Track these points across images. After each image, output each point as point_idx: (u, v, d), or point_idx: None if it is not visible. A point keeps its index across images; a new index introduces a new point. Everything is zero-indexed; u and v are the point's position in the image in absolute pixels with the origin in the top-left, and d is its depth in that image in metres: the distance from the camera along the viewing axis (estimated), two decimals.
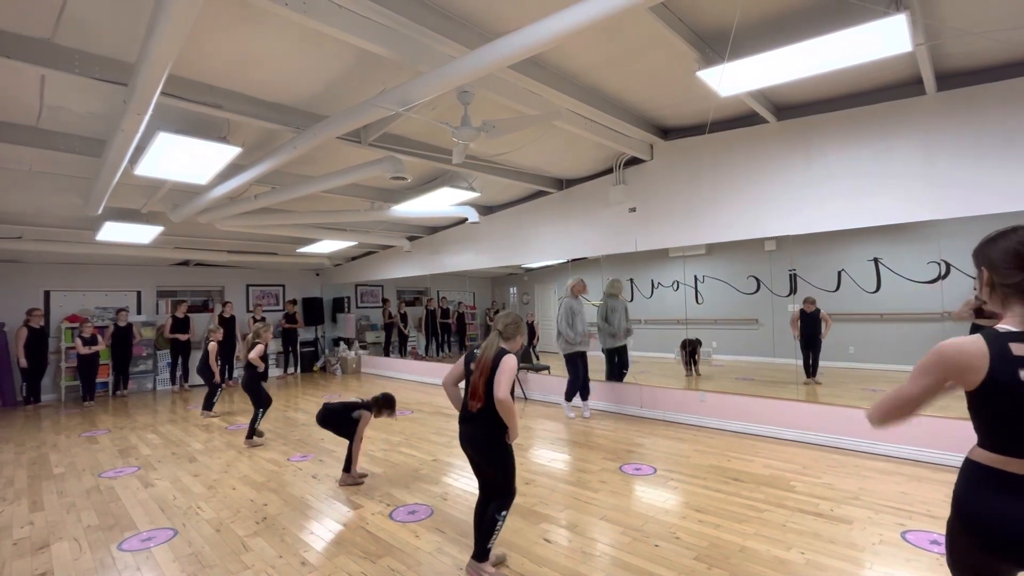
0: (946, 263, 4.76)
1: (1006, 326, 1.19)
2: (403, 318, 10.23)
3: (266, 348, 4.89)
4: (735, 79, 3.17)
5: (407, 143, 4.59)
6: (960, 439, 3.55)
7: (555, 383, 6.41)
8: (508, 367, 2.28)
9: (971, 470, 1.27)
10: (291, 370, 10.17)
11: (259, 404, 4.87)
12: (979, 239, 1.28)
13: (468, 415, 2.38)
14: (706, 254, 6.49)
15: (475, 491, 3.42)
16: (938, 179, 3.76)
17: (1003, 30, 2.99)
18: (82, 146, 3.96)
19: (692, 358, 6.47)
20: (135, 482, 3.88)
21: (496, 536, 2.33)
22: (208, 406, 6.27)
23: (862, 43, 2.70)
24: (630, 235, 5.64)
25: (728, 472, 3.64)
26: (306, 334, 10.52)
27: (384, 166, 4.09)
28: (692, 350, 6.47)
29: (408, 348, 10.32)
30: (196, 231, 7.06)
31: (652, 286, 7.44)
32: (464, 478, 3.72)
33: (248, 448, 4.73)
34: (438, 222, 7.94)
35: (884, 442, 3.87)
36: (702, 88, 3.46)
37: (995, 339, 1.16)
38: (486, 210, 7.38)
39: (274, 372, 9.91)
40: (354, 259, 10.47)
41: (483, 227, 7.45)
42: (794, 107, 4.40)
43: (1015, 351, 1.14)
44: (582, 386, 5.53)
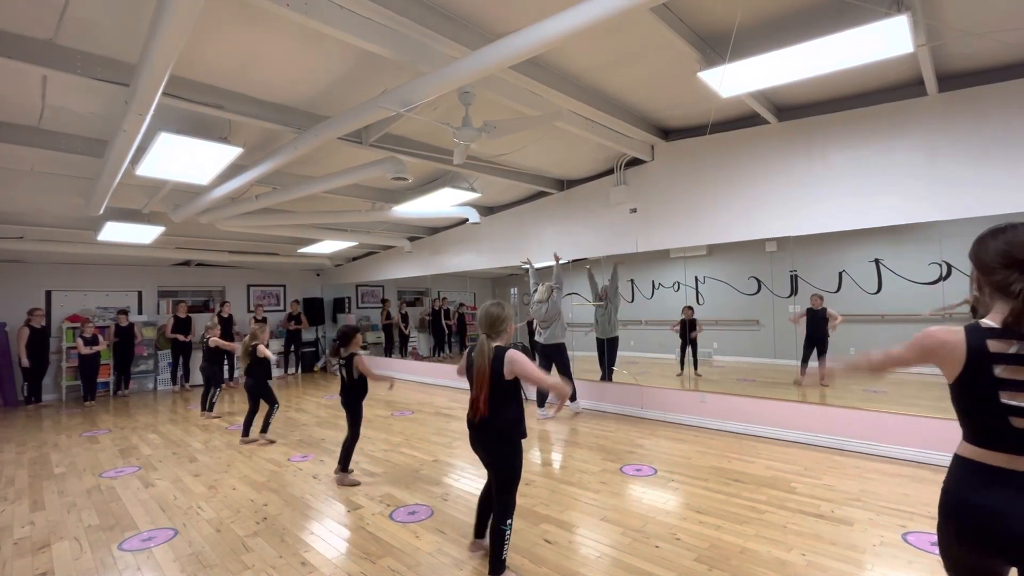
0: (947, 264, 4.75)
1: (988, 322, 1.20)
2: (404, 318, 10.23)
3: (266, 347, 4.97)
4: (736, 80, 3.17)
5: (408, 144, 4.60)
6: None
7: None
8: (519, 359, 2.26)
9: (955, 464, 1.33)
10: (291, 370, 10.17)
11: (272, 401, 5.00)
12: None
13: (473, 422, 2.39)
14: (707, 255, 6.49)
15: (475, 491, 3.43)
16: (939, 180, 3.76)
17: (1004, 31, 2.99)
18: (84, 146, 3.97)
19: (688, 343, 6.40)
20: (136, 482, 3.89)
21: (508, 545, 2.32)
22: (209, 407, 6.26)
23: (864, 44, 2.70)
24: (631, 236, 5.64)
25: (729, 473, 3.64)
26: (307, 334, 10.52)
27: (385, 167, 4.10)
28: (689, 329, 6.36)
29: (409, 348, 10.32)
30: (197, 231, 7.07)
31: (653, 287, 7.43)
32: (464, 479, 3.72)
33: (263, 444, 4.83)
34: (439, 223, 7.94)
35: (885, 443, 3.87)
36: (703, 89, 3.46)
37: (975, 334, 1.19)
38: (487, 211, 7.38)
39: (274, 372, 9.91)
40: (355, 259, 10.47)
41: (484, 228, 7.45)
42: (795, 108, 4.40)
43: (991, 347, 1.16)
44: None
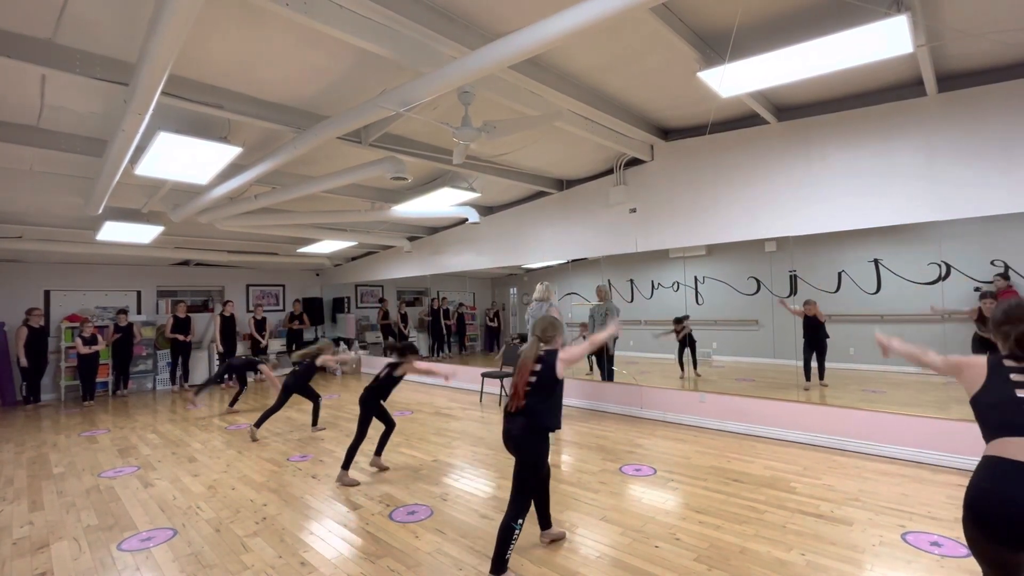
0: (946, 264, 4.75)
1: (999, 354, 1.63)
2: (403, 318, 10.22)
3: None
4: (736, 80, 3.17)
5: (408, 143, 4.60)
6: (960, 441, 3.54)
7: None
8: (567, 354, 2.47)
9: (978, 465, 1.51)
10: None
11: (316, 397, 5.48)
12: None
13: (509, 413, 2.50)
14: (706, 255, 6.49)
15: (474, 492, 3.43)
16: (939, 180, 3.76)
17: (1004, 32, 2.99)
18: (83, 146, 3.96)
19: (685, 346, 6.37)
20: (135, 482, 3.88)
21: (513, 546, 2.33)
22: (232, 402, 6.66)
23: (863, 44, 2.70)
24: (630, 236, 5.64)
25: (728, 473, 3.64)
26: (307, 334, 10.51)
27: (385, 166, 4.10)
28: (685, 336, 6.30)
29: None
30: (196, 231, 7.07)
31: (652, 287, 7.43)
32: (464, 479, 3.72)
33: (313, 433, 5.22)
34: (438, 222, 7.94)
35: (885, 443, 3.87)
36: (703, 89, 3.47)
37: (993, 357, 1.60)
38: (486, 210, 7.38)
39: (273, 372, 9.89)
40: (354, 259, 10.47)
41: (483, 227, 7.45)
42: (795, 108, 4.40)
43: (1006, 363, 1.56)
44: None
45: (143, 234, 6.33)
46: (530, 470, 2.40)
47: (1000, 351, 1.63)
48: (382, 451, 4.03)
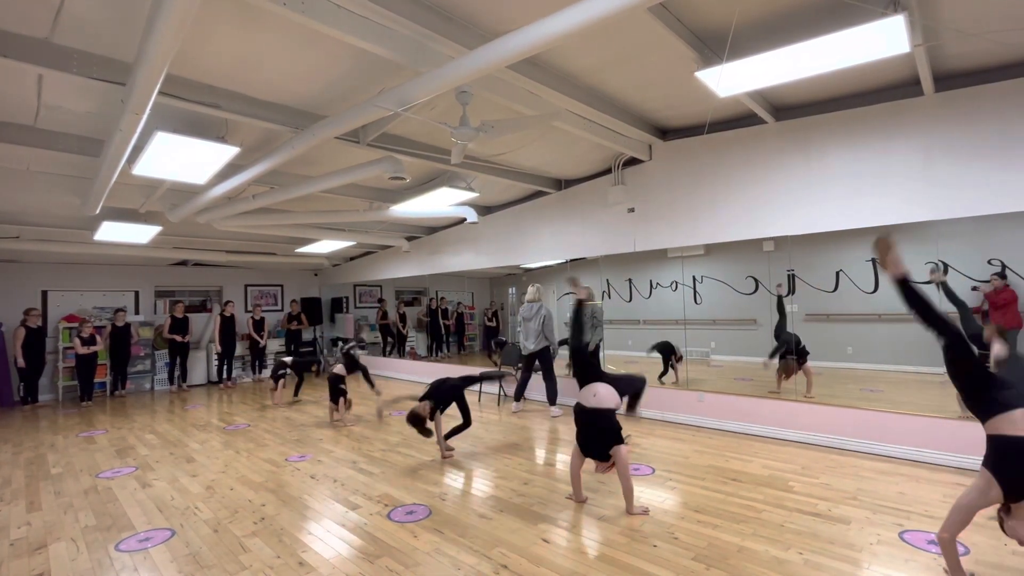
0: (944, 264, 4.76)
1: None
2: (402, 318, 10.22)
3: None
4: (734, 80, 3.18)
5: (406, 143, 4.59)
6: (958, 440, 3.55)
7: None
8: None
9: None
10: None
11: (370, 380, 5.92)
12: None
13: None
14: (704, 255, 6.48)
15: (473, 491, 3.44)
16: (936, 180, 3.77)
17: (1001, 31, 3.00)
18: (80, 146, 3.96)
19: (668, 364, 6.41)
20: (133, 482, 3.88)
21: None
22: (295, 391, 7.18)
23: (860, 44, 2.71)
24: (629, 235, 5.65)
25: (726, 472, 3.65)
26: (305, 334, 10.50)
27: (383, 166, 4.09)
28: (667, 355, 6.34)
29: (407, 348, 10.31)
30: (194, 231, 7.06)
31: (651, 287, 7.43)
32: (463, 478, 3.72)
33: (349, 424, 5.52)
34: (437, 222, 7.94)
35: (882, 442, 3.88)
36: (701, 89, 3.47)
37: None
38: (485, 210, 7.38)
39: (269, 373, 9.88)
40: (353, 259, 10.46)
41: (482, 227, 7.45)
42: (792, 108, 4.41)
43: None
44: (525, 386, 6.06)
45: (141, 234, 6.32)
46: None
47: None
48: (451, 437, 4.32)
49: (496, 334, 10.64)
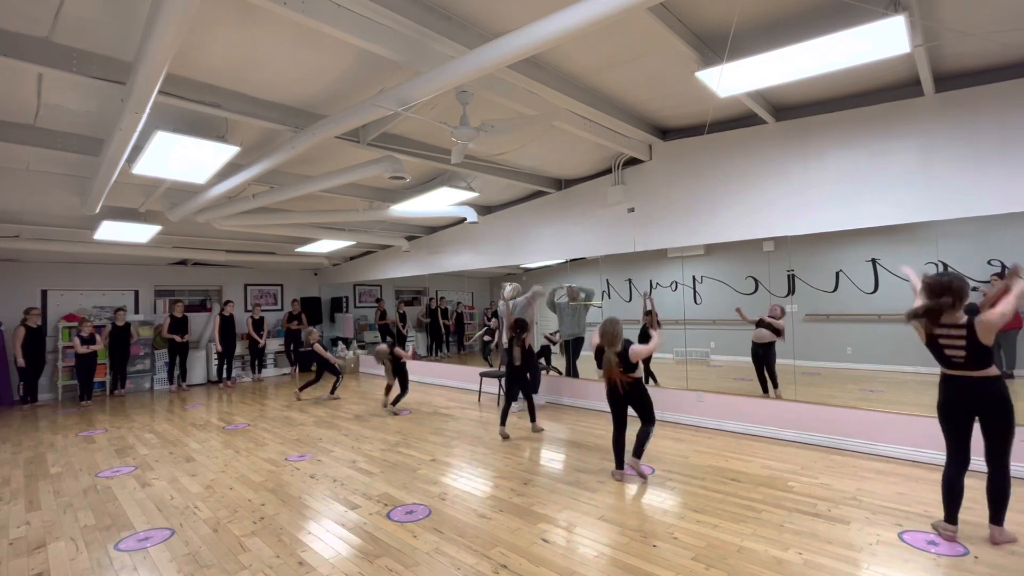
0: (944, 264, 4.76)
1: None
2: (402, 318, 10.21)
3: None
4: (734, 80, 3.18)
5: (406, 143, 4.59)
6: None
7: (556, 383, 6.42)
8: (637, 350, 3.56)
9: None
10: (288, 370, 10.15)
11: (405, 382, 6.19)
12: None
13: (619, 392, 3.62)
14: (704, 255, 6.48)
15: (473, 491, 3.44)
16: (936, 180, 3.77)
17: (1001, 32, 3.00)
18: (80, 145, 3.95)
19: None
20: (132, 482, 3.87)
21: (648, 443, 3.67)
22: (333, 389, 7.30)
23: (860, 44, 2.71)
24: (629, 235, 5.65)
25: (726, 472, 3.65)
26: (304, 334, 10.49)
27: (383, 166, 4.09)
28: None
29: (407, 348, 10.30)
30: (194, 230, 7.05)
31: (651, 287, 7.43)
32: (462, 478, 3.72)
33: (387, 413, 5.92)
34: (437, 222, 7.94)
35: (882, 443, 3.88)
36: (701, 89, 3.47)
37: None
38: (485, 210, 7.38)
39: (271, 372, 9.89)
40: (352, 259, 10.46)
41: (482, 227, 7.44)
42: (792, 108, 4.41)
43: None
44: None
45: (141, 233, 6.31)
46: (649, 406, 3.69)
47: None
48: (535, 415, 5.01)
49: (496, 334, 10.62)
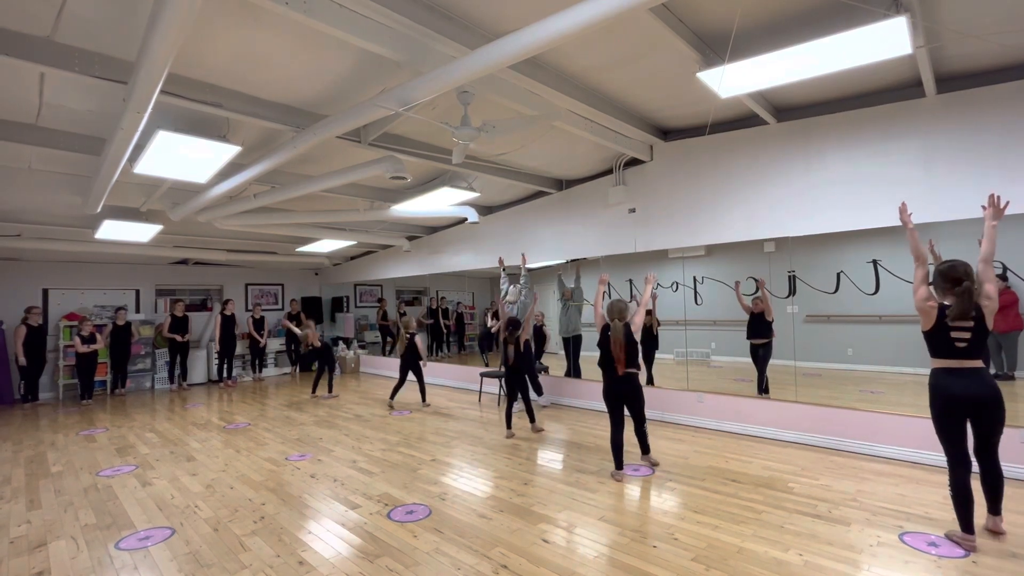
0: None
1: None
2: (402, 317, 10.21)
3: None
4: (735, 80, 3.18)
5: (407, 143, 4.59)
6: None
7: (557, 383, 6.42)
8: (636, 324, 3.63)
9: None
10: (289, 369, 10.16)
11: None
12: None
13: (619, 377, 3.59)
14: (705, 255, 6.48)
15: (474, 492, 3.44)
16: (937, 181, 3.77)
17: (1003, 33, 3.00)
18: (81, 144, 3.96)
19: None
20: (133, 481, 3.88)
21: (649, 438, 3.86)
22: (330, 388, 7.35)
23: (862, 45, 2.71)
24: (629, 236, 5.65)
25: (726, 473, 3.65)
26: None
27: (384, 166, 4.09)
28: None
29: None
30: (195, 230, 7.06)
31: (654, 285, 7.43)
32: (462, 478, 3.72)
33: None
34: (437, 222, 7.94)
35: (882, 444, 3.88)
36: (702, 89, 3.47)
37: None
38: (486, 210, 7.38)
39: (272, 372, 9.90)
40: (353, 259, 10.47)
41: (482, 227, 7.45)
42: (794, 109, 4.41)
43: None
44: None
45: (142, 233, 6.32)
46: (643, 403, 3.70)
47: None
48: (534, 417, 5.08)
49: (496, 334, 10.62)
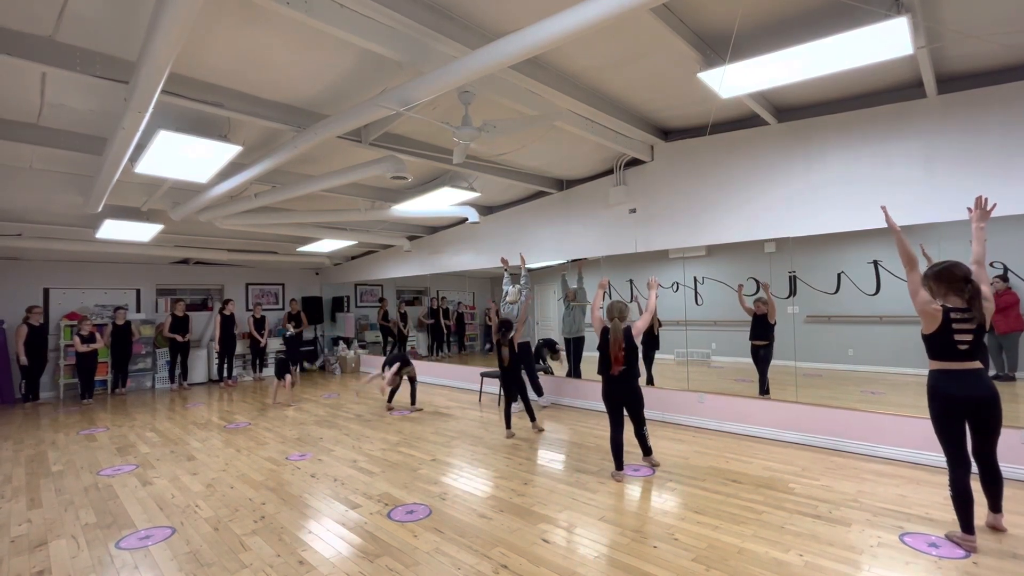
0: None
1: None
2: (403, 317, 10.22)
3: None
4: (736, 81, 3.18)
5: (408, 143, 4.60)
6: None
7: (557, 383, 6.42)
8: (638, 327, 3.63)
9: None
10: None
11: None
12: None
13: (615, 377, 3.54)
14: (706, 255, 6.48)
15: (474, 492, 3.44)
16: (938, 182, 3.77)
17: (1004, 34, 3.00)
18: (82, 144, 3.96)
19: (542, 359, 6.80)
20: (133, 480, 3.88)
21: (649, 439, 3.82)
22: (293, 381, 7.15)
23: (863, 46, 2.71)
24: (630, 236, 5.65)
25: (726, 473, 3.64)
26: (305, 333, 10.50)
27: (385, 165, 4.10)
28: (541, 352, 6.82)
29: (407, 348, 10.31)
30: (196, 229, 7.07)
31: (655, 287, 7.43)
32: (463, 478, 3.72)
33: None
34: (438, 222, 7.94)
35: (883, 444, 3.88)
36: (703, 90, 3.47)
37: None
38: (486, 210, 7.38)
39: (272, 371, 9.89)
40: (354, 258, 10.47)
41: (483, 227, 7.45)
42: (795, 109, 4.40)
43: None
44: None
45: (143, 232, 6.33)
46: (642, 402, 3.66)
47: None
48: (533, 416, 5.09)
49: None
